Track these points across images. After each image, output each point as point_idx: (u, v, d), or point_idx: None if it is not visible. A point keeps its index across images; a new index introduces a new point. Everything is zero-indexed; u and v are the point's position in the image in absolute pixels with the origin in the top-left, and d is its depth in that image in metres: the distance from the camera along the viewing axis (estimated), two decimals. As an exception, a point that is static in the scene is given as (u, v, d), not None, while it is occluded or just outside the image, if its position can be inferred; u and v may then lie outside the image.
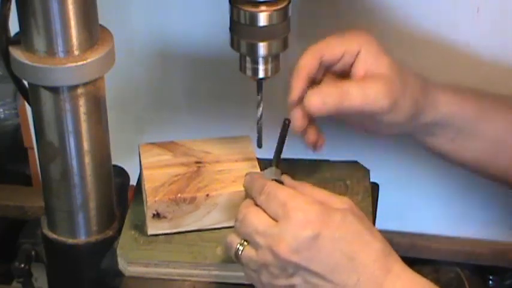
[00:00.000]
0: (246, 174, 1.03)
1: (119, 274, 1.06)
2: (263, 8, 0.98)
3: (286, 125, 1.05)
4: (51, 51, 0.96)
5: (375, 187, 1.18)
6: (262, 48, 1.01)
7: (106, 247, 1.08)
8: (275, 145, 1.06)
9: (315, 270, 0.90)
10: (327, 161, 1.20)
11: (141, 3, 1.42)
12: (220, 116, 1.47)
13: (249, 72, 1.04)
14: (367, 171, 1.18)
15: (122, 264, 1.05)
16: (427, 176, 1.50)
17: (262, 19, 0.99)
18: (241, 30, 1.00)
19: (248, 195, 1.01)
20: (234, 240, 0.96)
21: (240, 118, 1.32)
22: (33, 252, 1.27)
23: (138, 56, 1.46)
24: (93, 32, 0.98)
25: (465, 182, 1.50)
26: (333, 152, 1.26)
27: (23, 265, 1.26)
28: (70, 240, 1.08)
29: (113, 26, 1.02)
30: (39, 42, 0.96)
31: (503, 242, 1.53)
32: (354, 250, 0.90)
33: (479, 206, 1.52)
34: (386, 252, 0.92)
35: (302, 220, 0.90)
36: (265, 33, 1.00)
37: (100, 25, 1.01)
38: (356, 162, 1.19)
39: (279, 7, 0.99)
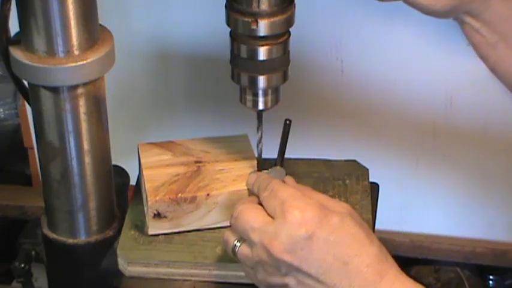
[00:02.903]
0: (250, 173, 1.03)
1: (119, 274, 1.06)
2: (263, 42, 0.99)
3: (287, 125, 1.05)
4: (51, 51, 0.96)
5: (375, 187, 1.18)
6: (262, 81, 1.02)
7: (106, 247, 1.08)
8: (277, 145, 1.06)
9: (308, 271, 0.90)
10: (326, 160, 1.20)
11: (141, 3, 1.42)
12: (219, 116, 1.48)
13: (249, 104, 1.05)
14: (366, 170, 1.18)
15: (122, 264, 1.05)
16: (427, 176, 1.50)
17: (262, 53, 1.00)
18: (241, 63, 1.02)
19: (251, 192, 1.01)
20: (230, 238, 0.96)
21: (238, 118, 1.32)
22: (33, 252, 1.28)
23: (138, 56, 1.46)
24: (93, 32, 0.98)
25: (465, 183, 1.50)
26: (333, 151, 1.26)
27: (23, 265, 1.26)
28: (70, 240, 1.08)
29: (113, 26, 1.02)
30: (39, 42, 0.96)
31: (503, 242, 1.54)
32: (348, 254, 0.90)
33: (479, 206, 1.52)
34: (382, 257, 0.92)
35: (298, 219, 0.90)
36: (265, 67, 1.01)
37: (100, 25, 1.01)
38: (355, 161, 1.19)
39: (278, 41, 1.00)
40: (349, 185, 1.15)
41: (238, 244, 0.95)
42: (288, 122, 1.05)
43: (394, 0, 1.09)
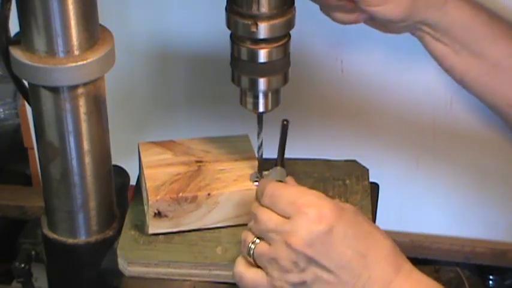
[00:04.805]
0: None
1: (119, 274, 1.06)
2: (263, 45, 1.00)
3: (285, 126, 1.05)
4: (51, 51, 0.96)
5: (374, 187, 1.18)
6: (262, 83, 1.03)
7: (106, 247, 1.08)
8: (277, 145, 1.06)
9: (327, 265, 0.90)
10: (326, 160, 1.20)
11: (141, 3, 1.42)
12: (219, 115, 1.48)
13: (249, 106, 1.06)
14: (366, 170, 1.18)
15: (122, 264, 1.05)
16: (427, 176, 1.50)
17: (262, 56, 1.01)
18: (241, 66, 1.02)
19: None
20: (249, 237, 0.96)
21: (239, 118, 1.32)
22: (33, 252, 1.28)
23: (138, 56, 1.46)
24: (93, 32, 0.98)
25: (465, 183, 1.50)
26: (333, 151, 1.26)
27: (23, 265, 1.26)
28: (70, 240, 1.08)
29: (113, 26, 1.02)
30: (39, 42, 0.96)
31: (503, 242, 1.54)
32: (366, 247, 0.91)
33: (479, 206, 1.52)
34: (396, 251, 0.93)
35: (316, 215, 0.91)
36: (265, 69, 1.02)
37: (100, 25, 1.01)
38: (355, 161, 1.19)
39: (278, 44, 1.00)
40: (349, 185, 1.15)
41: (252, 246, 0.95)
42: (285, 122, 1.05)
43: (357, 23, 1.11)
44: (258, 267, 0.96)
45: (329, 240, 0.90)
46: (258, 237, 0.95)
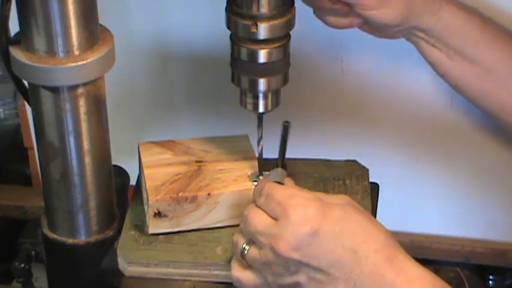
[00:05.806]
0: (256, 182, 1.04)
1: (119, 274, 1.06)
2: (263, 45, 1.00)
3: (286, 127, 1.05)
4: (51, 51, 0.96)
5: (374, 187, 1.18)
6: (262, 84, 1.03)
7: (106, 247, 1.08)
8: (277, 145, 1.06)
9: (317, 265, 0.90)
10: (326, 160, 1.20)
11: (141, 3, 1.42)
12: (219, 115, 1.48)
13: (249, 107, 1.06)
14: (366, 171, 1.18)
15: (122, 264, 1.05)
16: (427, 175, 1.50)
17: (262, 56, 1.01)
18: (241, 66, 1.02)
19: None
20: (240, 241, 0.96)
21: (238, 118, 1.32)
22: (33, 252, 1.28)
23: (138, 56, 1.46)
24: (93, 32, 0.98)
25: (466, 182, 1.50)
26: (333, 151, 1.26)
27: (23, 265, 1.26)
28: (70, 240, 1.08)
29: (113, 26, 1.02)
30: (39, 42, 0.96)
31: (503, 242, 1.53)
32: (355, 242, 0.90)
33: (479, 206, 1.52)
34: (389, 242, 0.92)
35: (301, 217, 0.90)
36: (265, 70, 1.02)
37: (100, 25, 1.01)
38: (355, 161, 1.19)
39: (278, 44, 1.00)
40: (349, 185, 1.15)
41: (247, 247, 0.95)
42: (286, 123, 1.05)
43: (350, 27, 1.11)
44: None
45: (316, 240, 0.90)
46: (249, 240, 0.95)
